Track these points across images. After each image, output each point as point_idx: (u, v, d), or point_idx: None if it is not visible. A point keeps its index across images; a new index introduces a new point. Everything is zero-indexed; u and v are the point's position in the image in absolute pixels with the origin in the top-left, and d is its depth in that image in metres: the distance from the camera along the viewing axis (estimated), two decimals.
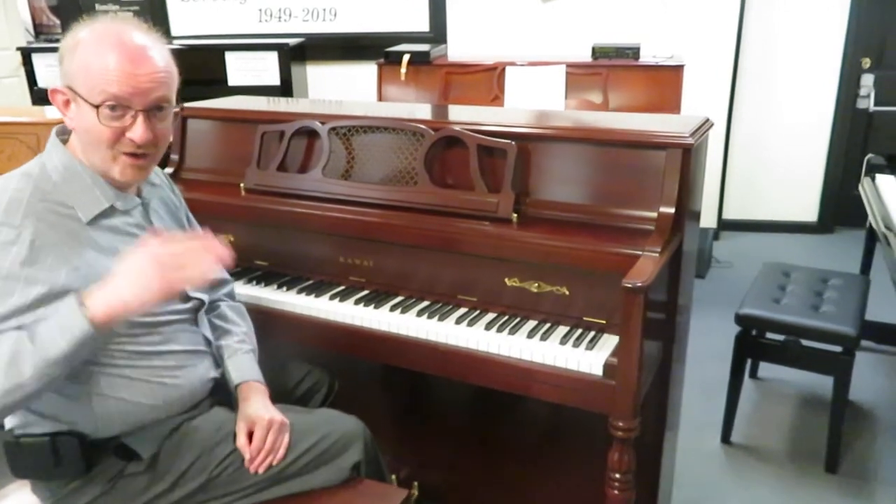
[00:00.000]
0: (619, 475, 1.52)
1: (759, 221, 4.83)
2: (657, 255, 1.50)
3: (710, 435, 2.63)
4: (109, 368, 1.34)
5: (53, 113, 2.56)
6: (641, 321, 1.38)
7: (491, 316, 1.68)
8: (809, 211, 4.80)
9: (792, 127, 4.63)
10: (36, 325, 1.19)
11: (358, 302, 1.78)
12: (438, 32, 4.58)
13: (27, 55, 4.44)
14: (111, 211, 1.35)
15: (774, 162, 4.71)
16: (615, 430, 1.47)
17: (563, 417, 1.86)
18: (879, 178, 2.94)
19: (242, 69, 4.11)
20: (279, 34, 4.76)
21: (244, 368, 1.54)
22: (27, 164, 1.33)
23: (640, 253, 1.51)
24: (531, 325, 1.63)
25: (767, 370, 3.00)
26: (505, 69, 3.39)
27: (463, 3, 4.53)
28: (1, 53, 5.05)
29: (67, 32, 1.30)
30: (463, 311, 1.71)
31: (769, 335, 2.54)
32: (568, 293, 1.62)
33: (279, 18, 4.81)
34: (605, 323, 1.59)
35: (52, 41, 5.27)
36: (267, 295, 1.85)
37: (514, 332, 1.61)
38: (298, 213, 1.88)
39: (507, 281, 1.67)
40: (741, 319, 2.46)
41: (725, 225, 4.78)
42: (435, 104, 3.46)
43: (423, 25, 4.63)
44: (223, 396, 1.52)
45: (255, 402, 1.47)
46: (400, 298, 1.79)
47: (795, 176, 4.73)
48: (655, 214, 1.60)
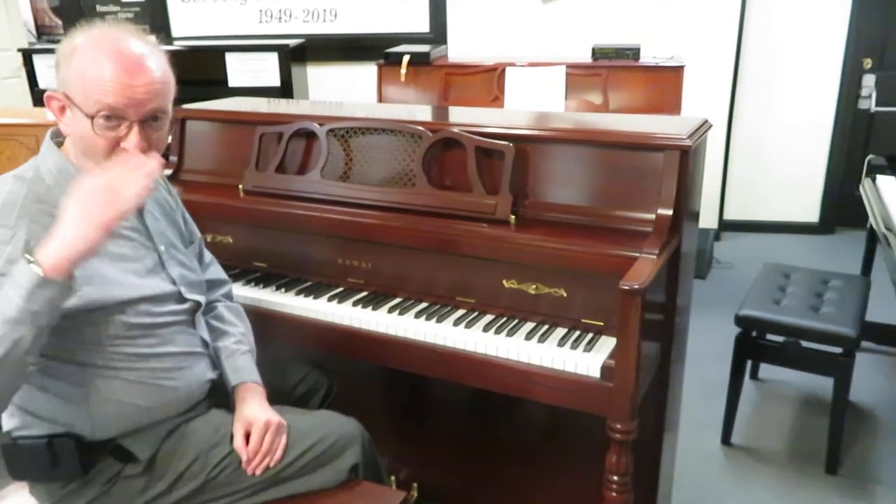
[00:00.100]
0: (616, 477, 1.51)
1: (760, 222, 4.83)
2: (655, 256, 1.49)
3: (710, 436, 2.63)
4: (106, 371, 1.34)
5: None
6: (639, 323, 1.38)
7: (489, 317, 1.68)
8: (810, 212, 4.79)
9: (793, 127, 4.63)
10: None
11: (356, 303, 1.78)
12: (439, 33, 4.58)
13: (28, 56, 4.44)
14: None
15: (775, 162, 4.71)
16: (613, 432, 1.47)
17: (562, 418, 1.86)
18: (880, 178, 2.93)
19: (243, 70, 4.12)
20: (279, 35, 4.76)
21: (242, 369, 1.54)
22: (21, 166, 1.33)
23: (637, 255, 1.50)
24: (529, 326, 1.63)
25: (768, 371, 3.00)
26: (505, 70, 3.38)
27: (463, 3, 4.53)
28: (3, 54, 5.06)
29: (65, 38, 1.29)
30: (461, 312, 1.71)
31: (769, 336, 2.54)
32: (566, 295, 1.62)
33: (279, 19, 4.82)
34: (602, 325, 1.59)
35: (53, 42, 5.27)
36: (265, 296, 1.85)
37: (512, 333, 1.61)
38: (297, 214, 1.88)
39: (505, 283, 1.67)
40: (741, 321, 2.46)
41: (726, 225, 4.78)
42: (435, 105, 3.46)
43: (423, 26, 4.63)
44: (221, 398, 1.52)
45: (252, 403, 1.47)
46: (398, 300, 1.79)
47: (796, 176, 4.72)
48: (653, 216, 1.60)
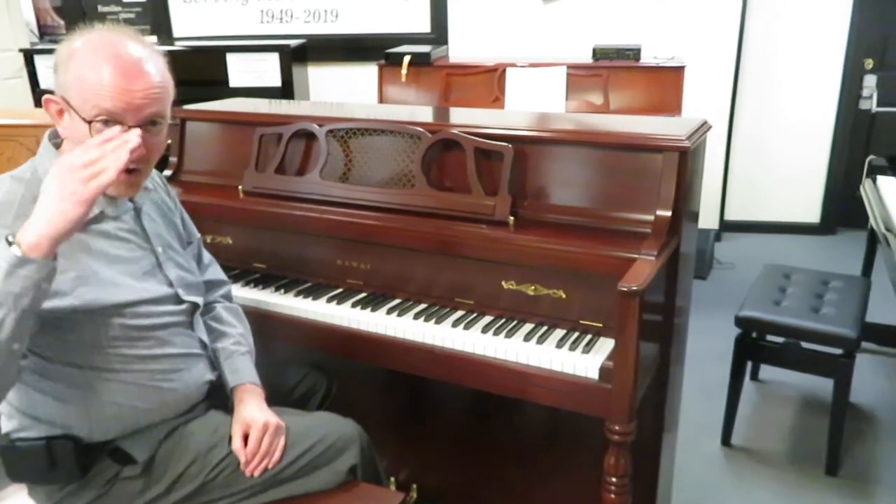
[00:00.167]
0: (615, 479, 1.51)
1: (761, 223, 4.82)
2: (653, 258, 1.49)
3: (710, 437, 2.63)
4: (104, 373, 1.34)
5: None
6: (637, 324, 1.38)
7: (488, 319, 1.68)
8: (812, 212, 4.78)
9: (794, 128, 4.62)
10: None
11: (355, 304, 1.78)
12: (440, 33, 4.58)
13: (29, 56, 4.45)
14: (101, 216, 1.35)
15: (776, 163, 4.70)
16: (611, 433, 1.47)
17: (562, 419, 1.86)
18: (881, 179, 2.93)
19: (244, 70, 4.12)
20: (281, 35, 4.77)
21: (240, 371, 1.54)
22: (19, 167, 1.33)
23: (636, 256, 1.50)
24: (528, 328, 1.63)
25: (768, 372, 2.99)
26: (505, 70, 3.39)
27: (464, 4, 4.53)
28: (5, 55, 5.06)
29: (63, 41, 1.29)
30: (460, 313, 1.71)
31: (769, 337, 2.54)
32: (565, 296, 1.62)
33: (281, 20, 4.82)
34: (601, 326, 1.59)
35: (55, 42, 5.26)
36: (265, 297, 1.85)
37: (510, 335, 1.61)
38: (296, 215, 1.88)
39: (503, 284, 1.67)
40: (741, 322, 2.46)
41: (727, 226, 4.77)
42: (436, 106, 3.47)
43: (424, 27, 4.63)
44: (219, 399, 1.52)
45: (250, 404, 1.47)
46: (397, 301, 1.79)
47: (798, 177, 4.71)
48: (652, 217, 1.59)
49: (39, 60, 4.43)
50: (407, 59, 3.52)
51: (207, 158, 2.17)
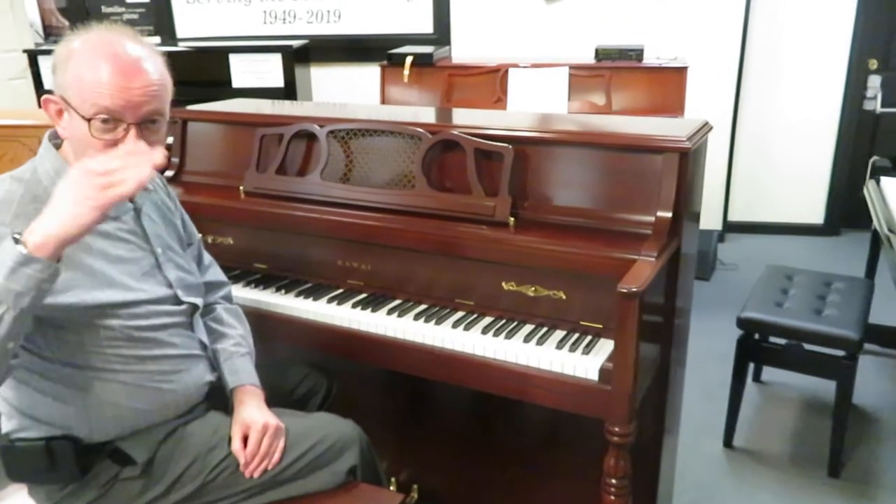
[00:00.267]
0: (615, 480, 1.51)
1: (764, 223, 4.80)
2: (653, 259, 1.49)
3: (711, 438, 2.62)
4: (104, 373, 1.34)
5: None
6: (637, 326, 1.38)
7: (488, 320, 1.68)
8: (815, 213, 4.77)
9: (798, 128, 4.61)
10: None
11: (356, 305, 1.78)
12: (442, 34, 4.58)
13: (33, 57, 4.46)
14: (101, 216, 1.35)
15: (780, 163, 4.69)
16: (611, 435, 1.46)
17: (562, 420, 1.85)
18: (884, 180, 2.92)
19: (246, 71, 4.12)
20: (284, 36, 4.77)
21: (240, 372, 1.54)
22: (19, 168, 1.33)
23: (636, 257, 1.50)
24: (528, 329, 1.63)
25: (771, 373, 2.98)
26: (508, 71, 3.38)
27: (467, 4, 4.53)
28: (9, 55, 5.07)
29: (61, 42, 1.29)
30: (460, 314, 1.71)
31: (772, 339, 2.53)
32: (565, 297, 1.61)
33: (283, 20, 4.82)
34: (601, 327, 1.59)
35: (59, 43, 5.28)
36: (265, 298, 1.86)
37: (510, 336, 1.60)
38: (297, 216, 1.88)
39: (504, 285, 1.67)
40: (743, 323, 2.45)
41: (730, 227, 4.76)
42: (438, 106, 3.46)
43: (426, 27, 4.62)
44: (219, 400, 1.52)
45: (250, 406, 1.47)
46: (397, 302, 1.79)
47: (801, 178, 4.70)
48: (653, 218, 1.59)
49: (43, 61, 4.44)
50: (409, 59, 3.52)
51: (209, 159, 2.17)
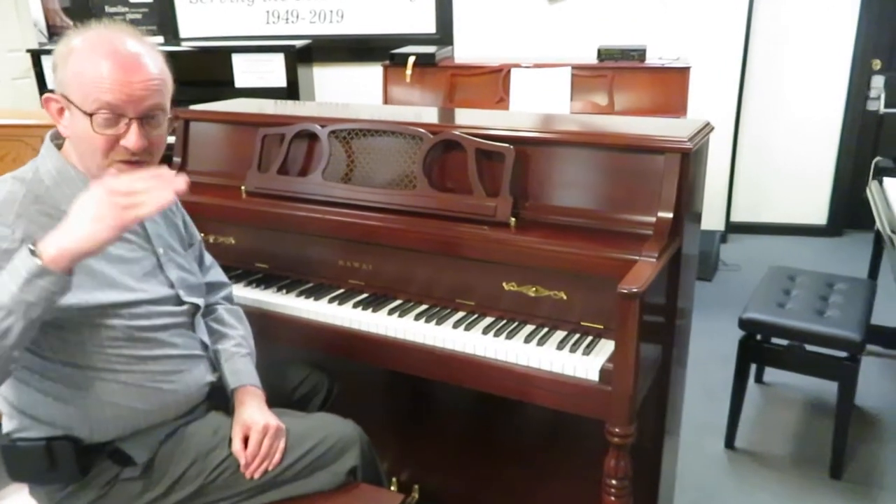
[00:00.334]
0: (615, 481, 1.51)
1: (767, 224, 4.79)
2: (654, 259, 1.48)
3: (713, 439, 2.62)
4: (105, 373, 1.34)
5: None
6: (637, 326, 1.37)
7: (489, 320, 1.68)
8: (818, 214, 4.75)
9: (801, 129, 4.60)
10: None
11: (357, 305, 1.78)
12: (445, 34, 4.58)
13: (37, 57, 4.47)
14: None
15: (783, 164, 4.68)
16: (611, 435, 1.46)
17: (563, 421, 1.84)
18: (887, 181, 2.91)
19: (249, 71, 4.13)
20: (287, 36, 4.77)
21: (241, 373, 1.54)
22: (21, 168, 1.33)
23: (637, 258, 1.50)
24: (528, 329, 1.63)
25: (773, 375, 2.98)
26: (510, 71, 3.38)
27: (469, 4, 4.53)
28: (13, 55, 5.08)
29: (61, 40, 1.30)
30: (461, 314, 1.71)
31: (774, 340, 2.52)
32: (566, 298, 1.61)
33: (286, 20, 4.82)
34: (602, 328, 1.58)
35: None
36: (267, 298, 1.86)
37: (511, 336, 1.60)
38: (298, 216, 1.88)
39: (504, 285, 1.67)
40: (744, 324, 2.45)
41: (733, 227, 4.75)
42: (440, 106, 3.46)
43: (429, 27, 4.62)
44: (220, 400, 1.52)
45: (250, 406, 1.47)
46: (398, 302, 1.79)
47: (804, 178, 4.69)
48: (654, 219, 1.59)
49: (47, 61, 4.44)
50: (411, 59, 3.51)
51: (211, 159, 2.17)
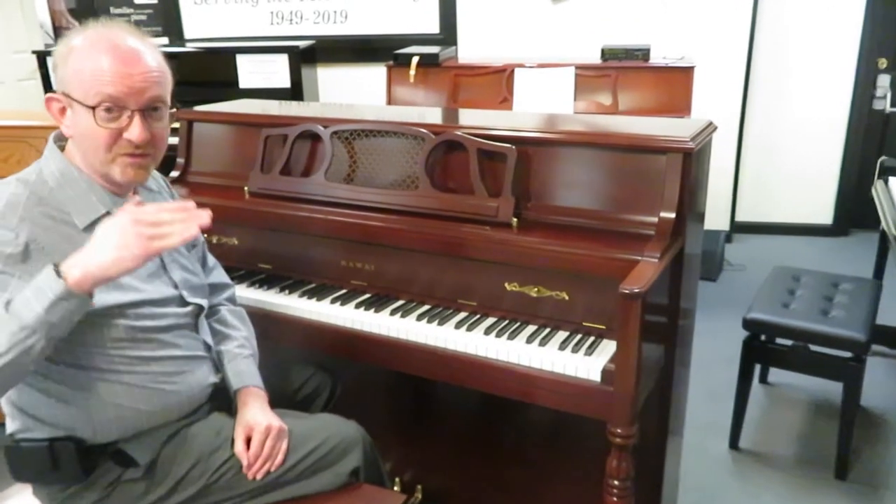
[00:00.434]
0: (617, 482, 1.50)
1: (772, 224, 4.78)
2: (656, 260, 1.48)
3: (717, 440, 2.61)
4: (108, 374, 1.34)
5: None
6: (639, 327, 1.37)
7: (491, 320, 1.68)
8: (824, 213, 4.73)
9: (806, 128, 4.58)
10: (12, 297, 1.18)
11: (359, 306, 1.78)
12: (449, 34, 4.58)
13: (43, 58, 4.48)
14: (107, 217, 1.36)
15: (788, 164, 4.66)
16: (613, 436, 1.46)
17: (566, 421, 1.84)
18: (893, 180, 2.89)
19: (253, 71, 4.13)
20: (291, 36, 4.78)
21: (243, 374, 1.54)
22: (25, 169, 1.34)
23: (639, 258, 1.49)
24: (530, 329, 1.63)
25: (778, 375, 2.97)
26: (514, 71, 3.38)
27: (473, 5, 4.53)
28: (19, 56, 5.11)
29: (60, 41, 1.31)
30: (463, 315, 1.71)
31: (778, 340, 2.52)
32: (568, 298, 1.61)
33: (290, 21, 4.83)
34: (604, 328, 1.58)
35: None
36: (269, 298, 1.86)
37: (513, 336, 1.60)
38: (301, 216, 1.88)
39: (506, 285, 1.67)
40: (749, 324, 2.44)
41: (738, 227, 4.73)
42: (443, 107, 3.46)
43: (433, 27, 4.62)
44: (222, 401, 1.53)
45: (253, 407, 1.47)
46: (401, 302, 1.79)
47: (810, 178, 4.67)
48: (656, 219, 1.58)
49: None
50: (415, 59, 3.52)
51: (214, 159, 2.18)
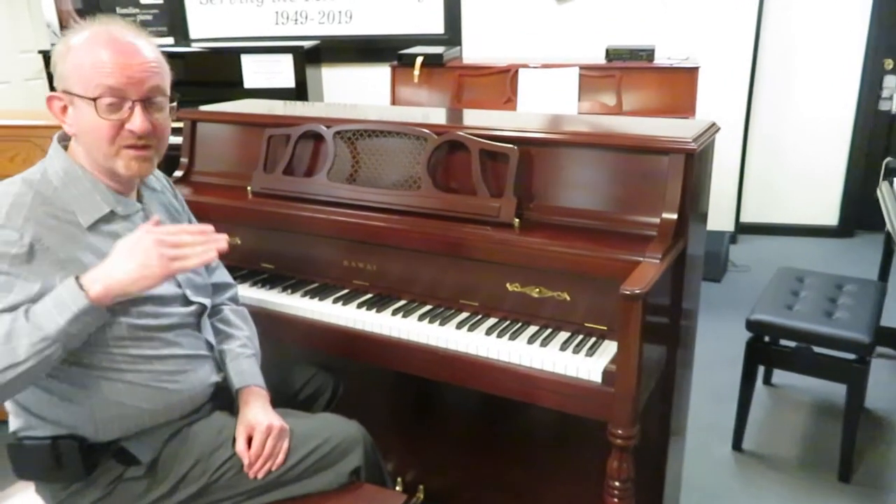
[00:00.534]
0: (618, 483, 1.50)
1: (777, 225, 4.76)
2: (658, 261, 1.48)
3: (721, 441, 2.60)
4: (110, 373, 1.34)
5: None
6: (640, 328, 1.37)
7: (492, 321, 1.68)
8: (829, 215, 4.72)
9: (812, 129, 4.56)
10: (33, 305, 1.21)
11: (361, 306, 1.78)
12: (453, 34, 4.58)
13: (49, 58, 4.48)
14: (111, 216, 1.37)
15: (794, 164, 4.65)
16: (614, 437, 1.46)
17: (569, 421, 1.83)
18: None
19: (258, 71, 4.13)
20: (295, 37, 4.79)
21: (246, 373, 1.54)
22: (29, 169, 1.35)
23: (640, 259, 1.49)
24: (532, 330, 1.63)
25: (781, 376, 2.96)
26: (518, 71, 3.38)
27: (477, 5, 4.53)
28: (25, 56, 5.13)
29: (59, 42, 1.33)
30: (464, 315, 1.71)
31: (782, 341, 2.51)
32: (569, 299, 1.61)
33: (295, 21, 4.84)
34: (606, 329, 1.58)
35: None
36: (272, 298, 1.86)
37: (514, 337, 1.60)
38: (303, 216, 1.89)
39: (508, 286, 1.67)
40: (752, 325, 2.43)
41: (743, 228, 4.72)
42: (447, 107, 3.47)
43: (437, 28, 4.63)
44: (224, 400, 1.53)
45: (254, 406, 1.48)
46: (402, 302, 1.79)
47: (815, 179, 4.65)
48: (658, 220, 1.58)
49: None
50: (419, 60, 3.52)
51: (217, 159, 2.18)
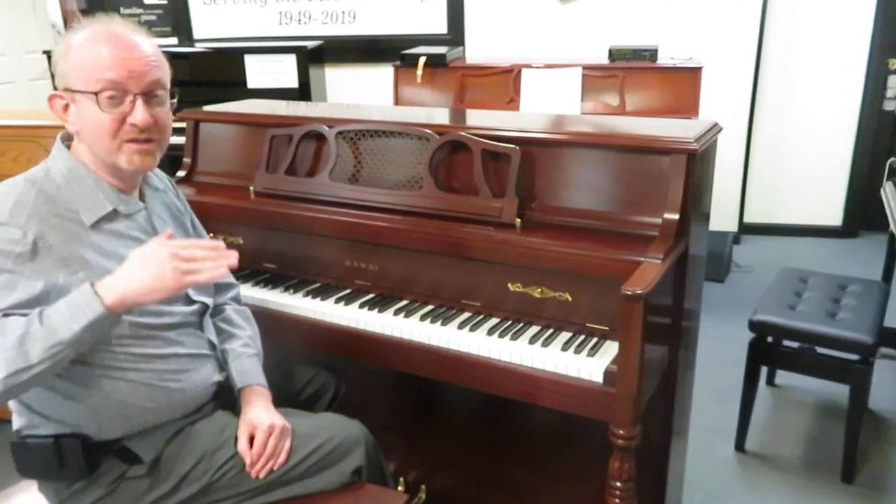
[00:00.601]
0: (619, 483, 1.50)
1: (781, 225, 4.75)
2: (659, 261, 1.48)
3: (724, 442, 2.60)
4: (113, 371, 1.35)
5: None
6: (641, 328, 1.37)
7: (494, 321, 1.68)
8: (833, 215, 4.70)
9: (816, 129, 4.55)
10: (45, 308, 1.22)
11: (362, 305, 1.79)
12: (456, 35, 4.59)
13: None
14: (114, 215, 1.37)
15: (797, 165, 4.63)
16: (615, 437, 1.46)
17: (571, 422, 1.83)
18: None
19: (262, 71, 4.14)
20: (299, 37, 4.80)
21: (248, 372, 1.55)
22: (32, 168, 1.36)
23: (642, 259, 1.49)
24: (534, 330, 1.63)
25: (785, 377, 2.96)
26: (521, 71, 3.38)
27: (481, 5, 4.53)
28: (30, 56, 5.15)
29: (59, 43, 1.34)
30: (466, 315, 1.71)
31: (785, 342, 2.50)
32: (571, 299, 1.61)
33: (299, 21, 4.85)
34: (607, 329, 1.58)
35: None
36: (274, 297, 1.87)
37: (516, 337, 1.60)
38: (305, 216, 1.89)
39: (510, 286, 1.67)
40: (755, 326, 2.43)
41: (747, 229, 4.71)
42: (450, 107, 3.47)
43: (441, 28, 4.63)
44: (226, 400, 1.53)
45: (256, 406, 1.48)
46: (404, 302, 1.79)
47: (819, 179, 4.64)
48: (660, 220, 1.58)
49: None
50: (422, 60, 3.52)
51: (220, 159, 2.19)
